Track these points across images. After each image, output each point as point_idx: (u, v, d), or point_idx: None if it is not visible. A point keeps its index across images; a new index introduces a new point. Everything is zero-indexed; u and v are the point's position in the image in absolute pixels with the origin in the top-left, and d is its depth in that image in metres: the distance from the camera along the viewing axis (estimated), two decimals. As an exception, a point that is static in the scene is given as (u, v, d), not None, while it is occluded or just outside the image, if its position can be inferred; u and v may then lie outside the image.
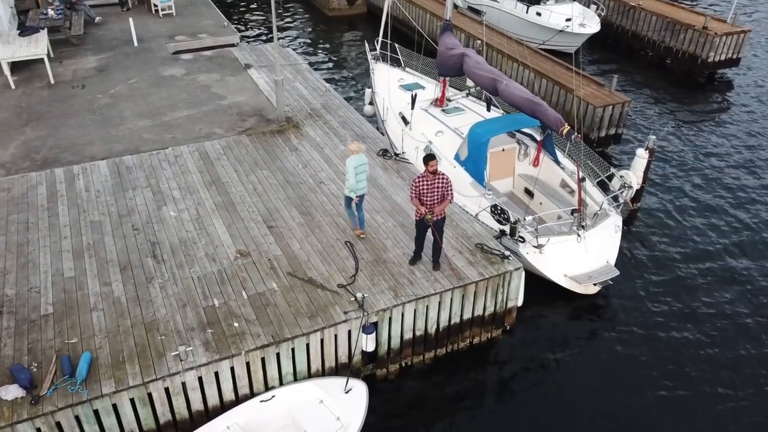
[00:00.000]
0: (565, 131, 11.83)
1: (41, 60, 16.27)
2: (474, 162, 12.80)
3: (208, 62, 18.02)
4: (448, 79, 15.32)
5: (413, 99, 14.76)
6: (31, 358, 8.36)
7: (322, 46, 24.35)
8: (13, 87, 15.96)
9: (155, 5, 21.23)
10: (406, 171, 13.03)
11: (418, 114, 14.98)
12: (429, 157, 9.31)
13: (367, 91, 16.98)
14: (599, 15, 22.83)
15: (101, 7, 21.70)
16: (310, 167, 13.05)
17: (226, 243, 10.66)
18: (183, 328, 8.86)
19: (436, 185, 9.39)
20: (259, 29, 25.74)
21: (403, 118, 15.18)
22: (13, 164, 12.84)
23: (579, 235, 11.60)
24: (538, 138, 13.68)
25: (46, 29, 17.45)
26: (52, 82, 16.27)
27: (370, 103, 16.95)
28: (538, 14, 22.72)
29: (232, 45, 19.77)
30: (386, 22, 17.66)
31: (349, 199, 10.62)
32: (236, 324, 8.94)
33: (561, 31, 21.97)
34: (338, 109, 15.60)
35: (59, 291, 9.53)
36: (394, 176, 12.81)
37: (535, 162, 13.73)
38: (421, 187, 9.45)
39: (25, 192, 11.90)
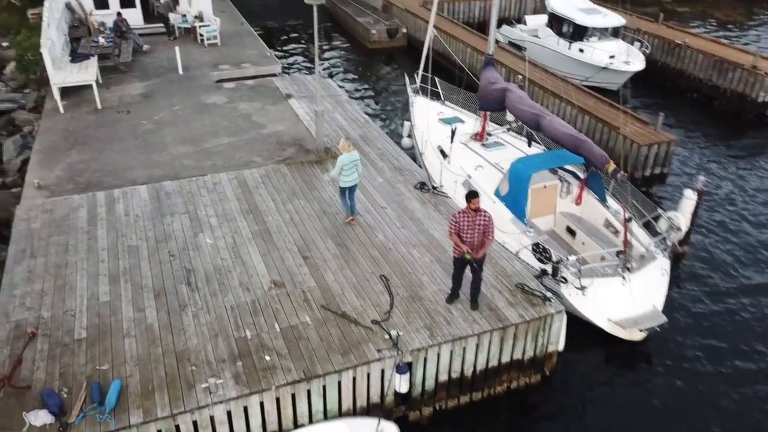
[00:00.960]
0: (610, 169, 11.47)
1: (90, 86, 16.69)
2: (515, 198, 12.49)
3: (250, 91, 18.26)
4: (488, 113, 15.14)
5: (453, 133, 14.60)
6: (62, 383, 8.28)
7: (362, 77, 24.55)
8: (62, 111, 16.38)
9: (201, 35, 21.75)
10: (443, 205, 12.79)
11: (457, 148, 14.80)
12: (472, 194, 9.07)
13: (406, 123, 16.90)
14: (644, 52, 22.46)
15: (150, 36, 22.32)
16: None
17: (260, 272, 10.53)
18: (214, 359, 8.69)
19: (477, 223, 9.13)
20: (301, 59, 26.14)
21: (442, 152, 15.01)
22: (57, 186, 13.06)
23: (624, 278, 11.12)
24: (581, 175, 13.33)
25: (96, 56, 17.96)
26: (99, 107, 16.66)
27: (409, 136, 16.84)
28: (581, 51, 22.50)
29: (274, 75, 20.05)
30: (427, 56, 17.68)
31: (342, 190, 11.78)
32: (267, 357, 8.73)
33: (604, 68, 21.66)
34: (377, 140, 15.54)
35: (93, 315, 9.50)
36: (431, 210, 12.58)
37: (578, 200, 13.36)
38: (461, 224, 9.19)
39: (67, 214, 12.05)
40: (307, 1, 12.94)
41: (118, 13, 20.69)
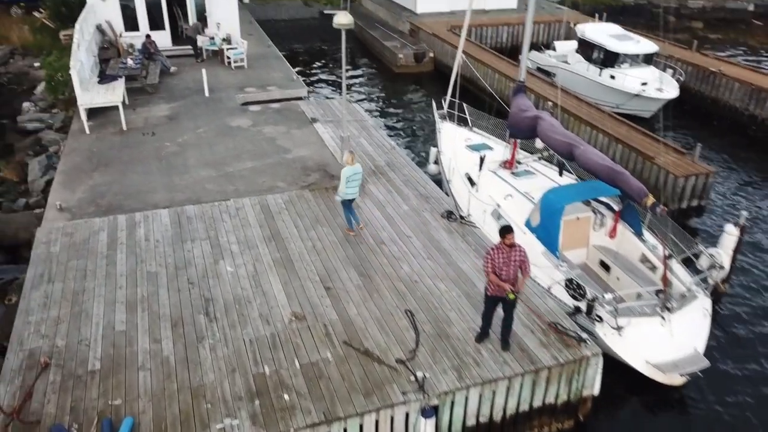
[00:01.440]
0: (649, 203, 10.93)
1: (116, 107, 16.67)
2: (546, 230, 11.97)
3: (275, 114, 18.10)
4: (518, 141, 14.71)
5: (482, 160, 14.18)
6: (72, 418, 7.93)
7: (388, 102, 24.34)
8: (87, 132, 16.36)
9: (228, 58, 21.77)
10: (472, 235, 12.33)
11: (485, 176, 14.36)
12: (506, 230, 8.60)
13: (433, 149, 16.55)
14: (678, 80, 21.89)
15: (177, 57, 22.43)
16: (371, 226, 12.54)
17: (281, 303, 10.15)
18: (230, 396, 8.28)
19: (512, 259, 8.65)
20: (327, 83, 26.06)
21: (470, 179, 14.59)
22: (78, 209, 12.91)
23: (664, 318, 10.49)
24: (616, 207, 12.78)
25: (123, 78, 18.00)
26: (125, 128, 16.62)
27: (435, 162, 16.49)
28: (612, 77, 22.01)
29: (300, 98, 19.91)
30: (455, 82, 17.37)
31: (344, 203, 11.97)
32: (286, 396, 8.29)
33: (636, 95, 21.13)
34: (402, 167, 15.19)
35: (108, 345, 9.18)
36: (458, 240, 12.13)
37: (612, 233, 12.78)
38: (496, 260, 8.72)
39: (87, 238, 11.85)
40: (336, 25, 12.76)
41: (147, 36, 20.83)
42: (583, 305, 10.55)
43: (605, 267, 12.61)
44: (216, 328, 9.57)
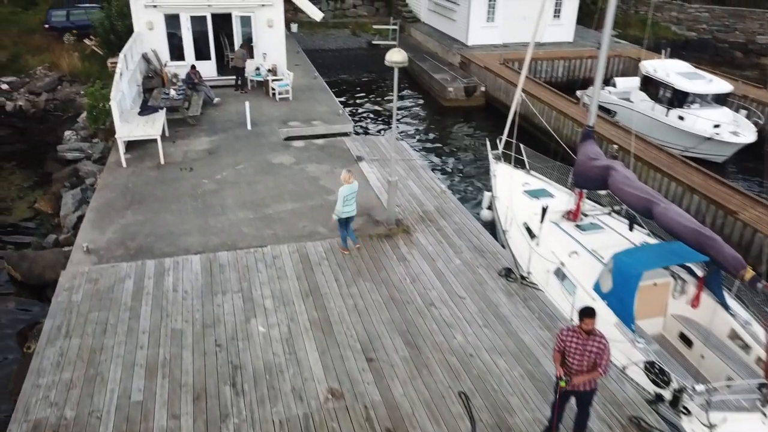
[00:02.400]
0: (747, 277, 9.36)
1: (155, 139, 15.99)
2: (620, 299, 10.48)
3: (319, 151, 17.14)
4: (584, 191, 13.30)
5: (544, 212, 12.80)
6: None
7: (436, 138, 23.17)
8: (124, 165, 15.70)
9: (273, 89, 21.07)
10: (534, 299, 10.93)
11: (546, 227, 12.98)
12: (586, 313, 7.22)
13: (486, 194, 15.27)
14: (755, 123, 20.10)
15: (222, 88, 21.88)
16: (420, 283, 11.28)
17: (317, 376, 8.94)
18: (253, 496, 7.07)
19: (587, 348, 7.25)
20: (373, 117, 25.13)
21: (529, 231, 13.23)
22: (106, 251, 12.07)
23: (766, 416, 8.83)
24: (700, 273, 11.19)
25: (165, 109, 17.39)
26: (162, 162, 15.90)
27: (489, 208, 15.20)
28: (681, 118, 20.39)
29: (345, 134, 18.96)
30: (513, 120, 16.14)
31: (341, 222, 11.93)
32: (319, 500, 7.04)
33: (709, 138, 19.43)
34: (453, 214, 13.93)
35: (122, 419, 8.12)
36: (519, 305, 10.74)
37: (695, 302, 11.18)
38: (567, 345, 7.35)
39: (112, 285, 10.94)
40: (388, 62, 11.76)
41: (192, 66, 20.32)
42: (667, 393, 9.01)
43: (686, 341, 10.99)
44: (243, 403, 8.41)
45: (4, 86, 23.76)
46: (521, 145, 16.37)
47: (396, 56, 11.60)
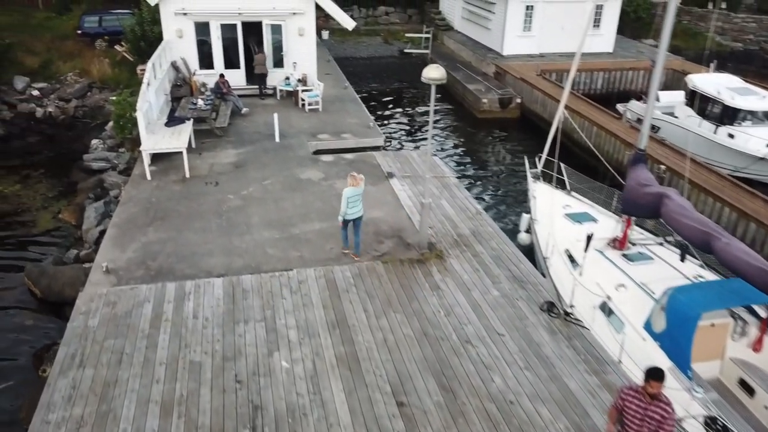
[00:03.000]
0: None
1: (181, 152, 15.53)
2: (675, 341, 9.54)
3: (348, 167, 16.47)
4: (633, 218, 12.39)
5: (588, 239, 11.92)
6: None
7: (469, 152, 22.32)
8: (149, 178, 15.26)
9: (303, 100, 20.52)
10: (579, 338, 10.07)
11: (591, 255, 12.09)
12: (653, 374, 6.36)
13: (525, 216, 14.41)
14: (812, 143, 18.86)
15: (250, 97, 21.43)
16: (455, 316, 10.51)
17: (343, 421, 8.23)
18: None
19: (649, 414, 6.41)
20: (404, 129, 24.41)
21: (571, 258, 12.37)
22: (126, 271, 11.56)
23: None
24: (763, 314, 10.20)
25: (192, 120, 16.93)
26: (187, 176, 15.42)
27: (528, 231, 14.34)
28: (731, 136, 19.23)
29: (376, 148, 18.30)
30: (554, 139, 15.30)
31: (345, 223, 11.83)
32: None
33: (762, 158, 18.26)
34: (491, 238, 13.12)
35: (132, 465, 7.52)
36: (563, 344, 9.89)
37: (757, 345, 10.18)
38: (627, 406, 6.51)
39: (130, 310, 10.41)
40: (425, 79, 11.03)
41: (221, 75, 19.89)
42: (731, 453, 8.08)
43: (747, 389, 10.00)
44: (262, 451, 7.75)
45: (35, 92, 23.71)
46: (562, 165, 15.51)
47: (434, 73, 10.86)
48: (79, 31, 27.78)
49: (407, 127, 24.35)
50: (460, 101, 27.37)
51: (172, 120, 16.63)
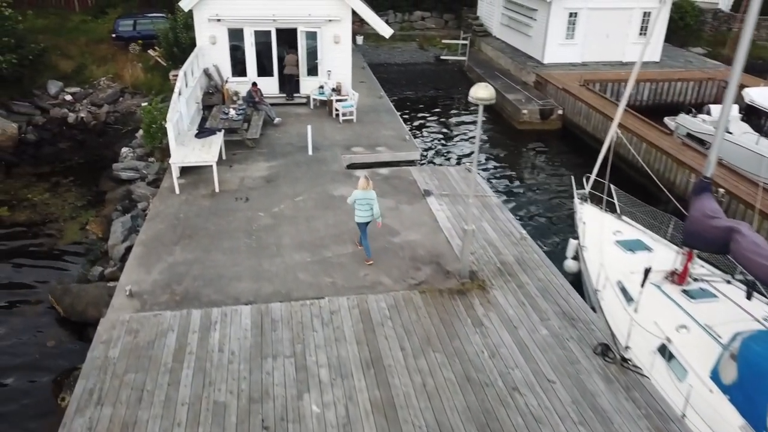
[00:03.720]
0: None
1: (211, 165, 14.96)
2: (748, 396, 8.56)
3: (383, 183, 15.72)
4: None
5: (646, 274, 10.93)
6: None
7: (508, 166, 21.33)
8: (177, 192, 14.73)
9: (337, 110, 19.84)
10: (638, 388, 9.12)
11: (648, 290, 11.09)
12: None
13: (572, 242, 13.45)
14: None
15: (282, 105, 20.84)
16: (500, 358, 9.64)
17: (378, 480, 7.46)
18: None
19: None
20: (438, 137, 23.55)
21: (624, 291, 11.40)
22: (150, 295, 10.99)
23: None
24: None
25: (222, 131, 16.37)
26: (217, 190, 14.84)
27: (575, 258, 13.39)
28: (793, 156, 17.90)
29: (412, 162, 17.51)
30: (605, 158, 14.33)
31: (358, 225, 12.00)
32: None
33: (829, 182, 16.90)
34: (537, 267, 12.20)
35: None
36: (620, 395, 8.95)
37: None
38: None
39: (153, 340, 9.80)
40: (473, 99, 10.16)
41: (253, 83, 19.33)
42: None
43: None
44: None
45: (68, 97, 23.54)
46: (612, 187, 14.50)
47: (482, 92, 10.00)
48: (114, 35, 27.61)
49: (443, 139, 23.47)
50: (498, 111, 26.36)
51: (203, 131, 16.09)
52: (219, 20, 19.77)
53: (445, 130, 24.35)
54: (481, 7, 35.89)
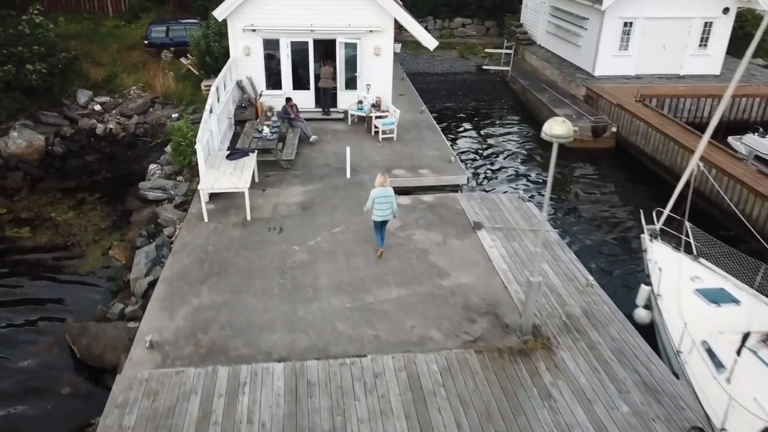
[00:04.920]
0: None
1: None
2: None
3: (427, 212, 14.35)
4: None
5: (744, 340, 9.37)
6: None
7: (558, 189, 19.65)
8: (206, 219, 13.59)
9: (376, 127, 18.53)
10: (745, 492, 7.56)
11: (743, 357, 9.53)
12: None
13: (643, 288, 11.88)
14: None
15: (318, 121, 19.63)
16: (574, 441, 8.20)
17: None
18: None
19: None
20: (481, 154, 22.05)
21: (711, 354, 9.84)
22: (173, 345, 9.81)
23: None
24: None
25: (255, 152, 15.18)
26: (248, 218, 13.66)
27: (646, 307, 11.83)
28: None
29: (457, 187, 16.10)
30: (681, 193, 12.78)
31: (375, 223, 12.07)
32: None
33: None
34: (609, 323, 10.68)
35: None
36: (725, 500, 7.41)
37: None
38: None
39: (173, 405, 8.61)
40: (547, 135, 8.77)
41: (288, 98, 18.13)
42: None
43: None
44: None
45: (97, 107, 22.73)
46: (687, 224, 12.90)
47: (558, 128, 8.59)
48: (146, 42, 26.81)
49: (487, 156, 21.91)
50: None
51: (235, 152, 14.92)
52: (254, 30, 18.66)
53: (489, 147, 22.80)
54: (524, 13, 34.25)
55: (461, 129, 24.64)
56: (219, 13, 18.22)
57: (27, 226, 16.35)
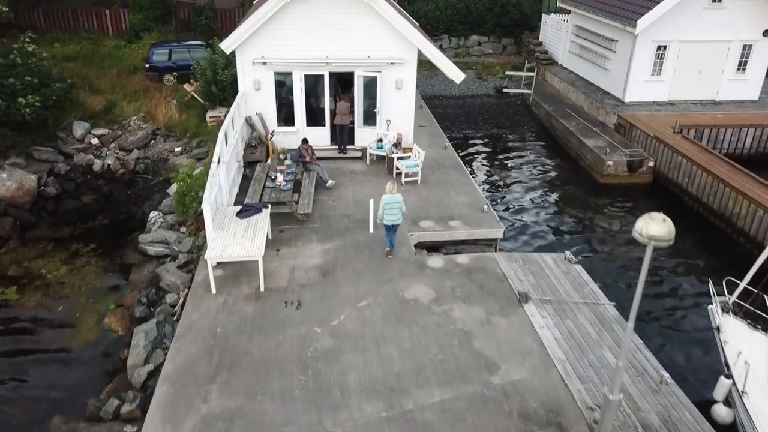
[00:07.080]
0: None
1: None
2: None
3: (464, 278, 12.68)
4: None
5: None
6: None
7: (592, 234, 17.85)
8: (213, 291, 11.94)
9: (398, 168, 16.88)
10: None
11: None
12: None
13: (722, 381, 10.21)
14: None
15: (333, 160, 18.01)
16: None
17: None
18: None
19: None
20: (508, 189, 20.38)
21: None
22: (177, 475, 8.16)
23: None
24: None
25: (269, 207, 13.53)
26: (262, 289, 12.01)
27: (728, 403, 10.16)
28: None
29: (493, 242, 14.45)
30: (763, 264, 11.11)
31: (386, 227, 12.85)
32: None
33: None
34: (686, 423, 8.97)
35: None
36: None
37: None
38: None
39: None
40: (640, 237, 7.06)
41: (304, 140, 16.47)
42: None
43: None
44: None
45: (95, 140, 21.13)
46: (766, 298, 11.25)
47: (656, 228, 6.87)
48: (147, 65, 25.23)
49: (518, 197, 20.12)
50: (574, 158, 23.11)
51: (246, 209, 13.26)
52: (264, 63, 17.07)
53: (516, 182, 21.08)
54: (544, 31, 32.63)
55: (484, 159, 22.98)
56: (227, 46, 16.61)
57: (14, 285, 14.72)
